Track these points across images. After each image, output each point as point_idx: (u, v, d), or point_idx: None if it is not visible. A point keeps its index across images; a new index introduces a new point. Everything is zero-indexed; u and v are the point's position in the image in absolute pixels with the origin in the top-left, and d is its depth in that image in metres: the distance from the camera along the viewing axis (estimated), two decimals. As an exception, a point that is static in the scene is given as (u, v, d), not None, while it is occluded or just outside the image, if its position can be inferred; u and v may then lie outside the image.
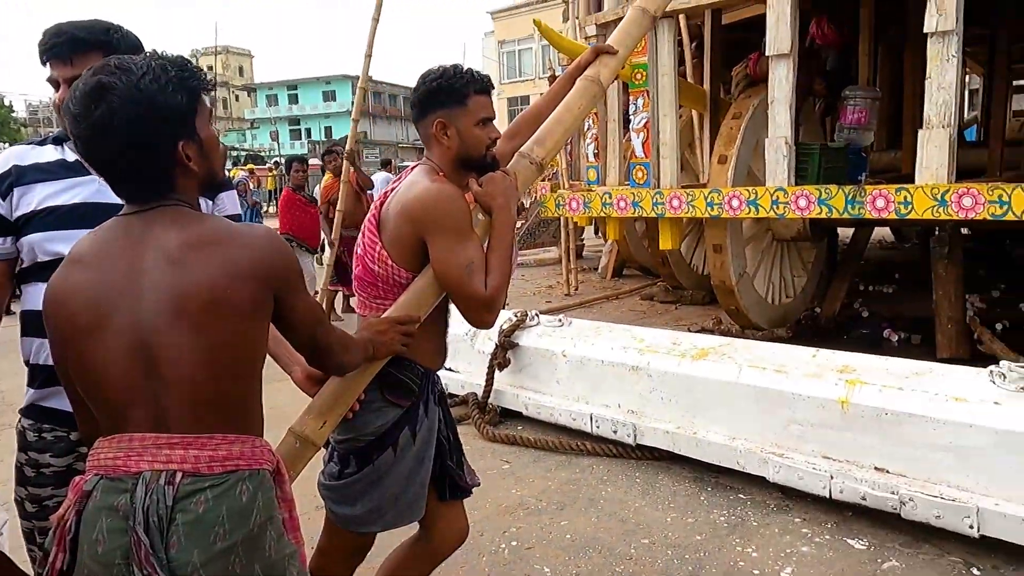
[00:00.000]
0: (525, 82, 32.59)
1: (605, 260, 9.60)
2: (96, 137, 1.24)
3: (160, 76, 1.24)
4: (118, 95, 1.21)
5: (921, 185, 4.23)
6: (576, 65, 2.19)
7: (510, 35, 32.66)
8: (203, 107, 1.33)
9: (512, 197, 1.90)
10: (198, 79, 1.30)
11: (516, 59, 33.57)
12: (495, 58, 33.65)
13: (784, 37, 4.73)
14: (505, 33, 33.17)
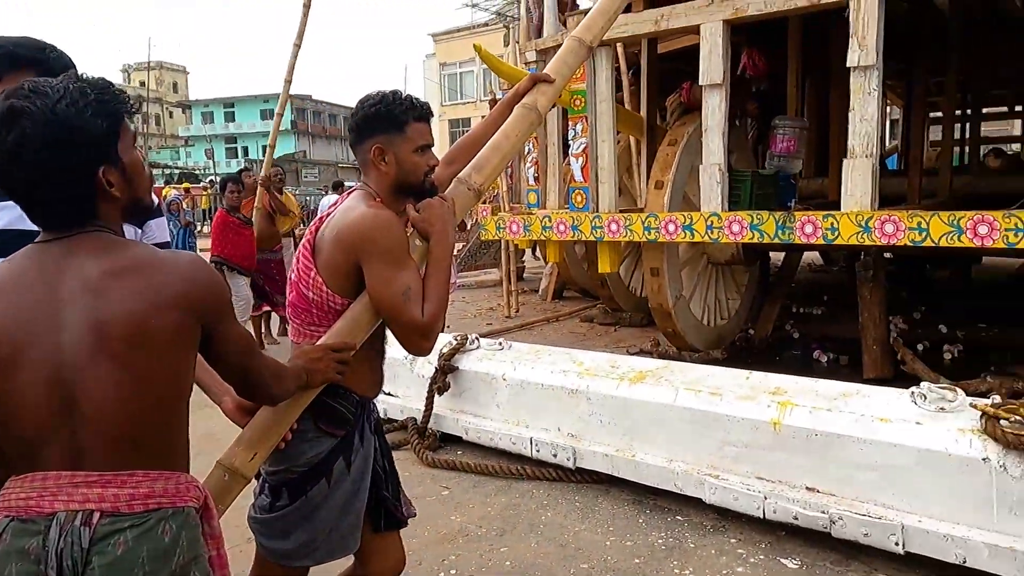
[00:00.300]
0: (466, 104, 32.78)
1: (545, 282, 9.67)
2: (9, 163, 1.19)
3: (78, 100, 1.20)
4: (31, 119, 1.17)
5: (846, 212, 4.40)
6: (514, 93, 2.21)
7: (451, 57, 32.85)
8: (126, 131, 1.28)
9: (450, 223, 1.90)
10: (120, 102, 1.26)
11: (457, 81, 33.75)
12: (436, 80, 33.77)
13: (716, 68, 4.88)
14: (446, 55, 33.34)
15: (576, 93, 5.54)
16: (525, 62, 6.97)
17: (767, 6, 4.68)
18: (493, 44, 23.42)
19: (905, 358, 5.14)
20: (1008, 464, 2.53)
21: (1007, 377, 4.70)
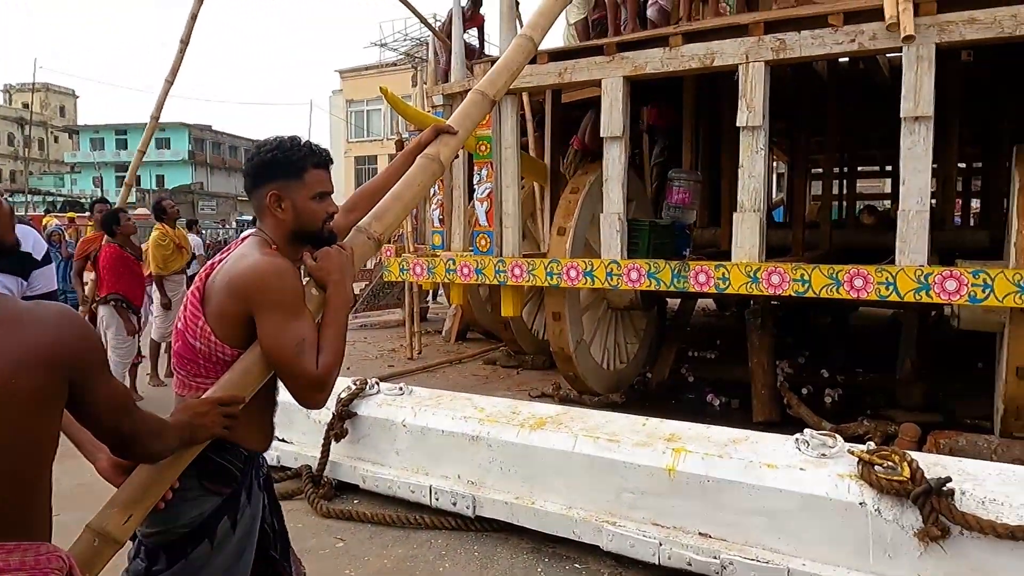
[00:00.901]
0: (373, 142, 32.62)
1: (449, 323, 9.63)
2: None
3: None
4: None
5: (736, 263, 4.63)
6: (417, 143, 2.21)
7: (359, 95, 32.70)
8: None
9: (348, 273, 1.86)
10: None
11: (364, 119, 33.59)
12: (343, 116, 33.51)
13: (616, 121, 5.07)
14: (353, 92, 33.18)
15: (482, 139, 5.62)
16: (432, 106, 7.04)
17: (663, 65, 4.92)
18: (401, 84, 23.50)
19: (791, 402, 5.39)
20: (882, 508, 2.68)
21: (881, 420, 5.00)
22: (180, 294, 6.85)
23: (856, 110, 8.24)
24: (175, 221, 7.06)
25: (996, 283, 3.92)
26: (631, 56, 5.02)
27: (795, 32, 4.49)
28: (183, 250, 6.98)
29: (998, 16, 3.98)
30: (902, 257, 4.23)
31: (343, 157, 33.83)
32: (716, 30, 4.81)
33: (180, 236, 7.06)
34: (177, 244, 6.86)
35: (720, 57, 4.71)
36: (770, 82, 4.66)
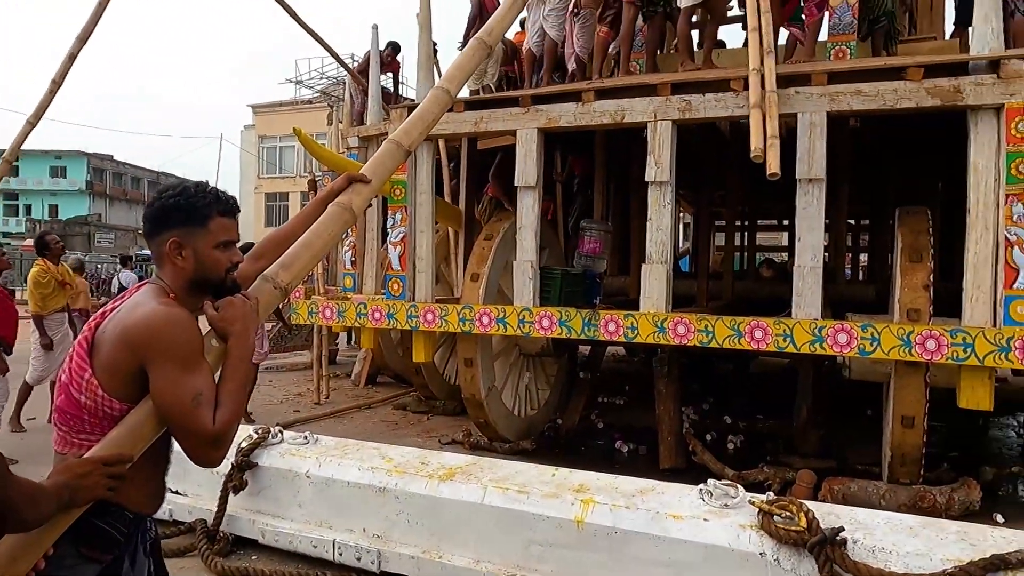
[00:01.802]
0: (285, 179, 32.02)
1: (359, 367, 9.42)
2: None
3: None
4: None
5: (644, 313, 4.74)
6: (329, 190, 2.18)
7: (271, 131, 32.13)
8: None
9: (251, 323, 1.79)
10: None
11: (277, 155, 32.98)
12: (254, 152, 32.80)
13: (531, 171, 5.17)
14: (266, 128, 32.58)
15: (397, 183, 5.61)
16: (347, 147, 6.97)
17: (576, 120, 5.07)
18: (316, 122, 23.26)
19: (696, 449, 5.51)
20: (781, 558, 2.75)
21: (780, 467, 5.18)
22: (61, 334, 6.44)
23: (756, 167, 8.68)
24: (59, 257, 6.67)
25: (883, 337, 4.16)
26: (545, 109, 5.15)
27: (700, 94, 4.72)
28: (66, 287, 6.58)
29: (881, 90, 4.31)
30: (798, 310, 4.44)
31: (253, 193, 33.05)
32: (627, 88, 5.00)
33: (63, 272, 6.65)
34: (59, 281, 6.47)
35: (630, 114, 4.89)
36: (677, 138, 4.87)
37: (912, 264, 4.48)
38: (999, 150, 4.10)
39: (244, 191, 33.56)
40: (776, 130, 4.04)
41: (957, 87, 4.16)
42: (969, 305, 4.20)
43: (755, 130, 4.01)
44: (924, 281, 4.40)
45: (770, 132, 3.98)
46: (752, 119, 4.08)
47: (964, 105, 4.17)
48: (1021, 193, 4.04)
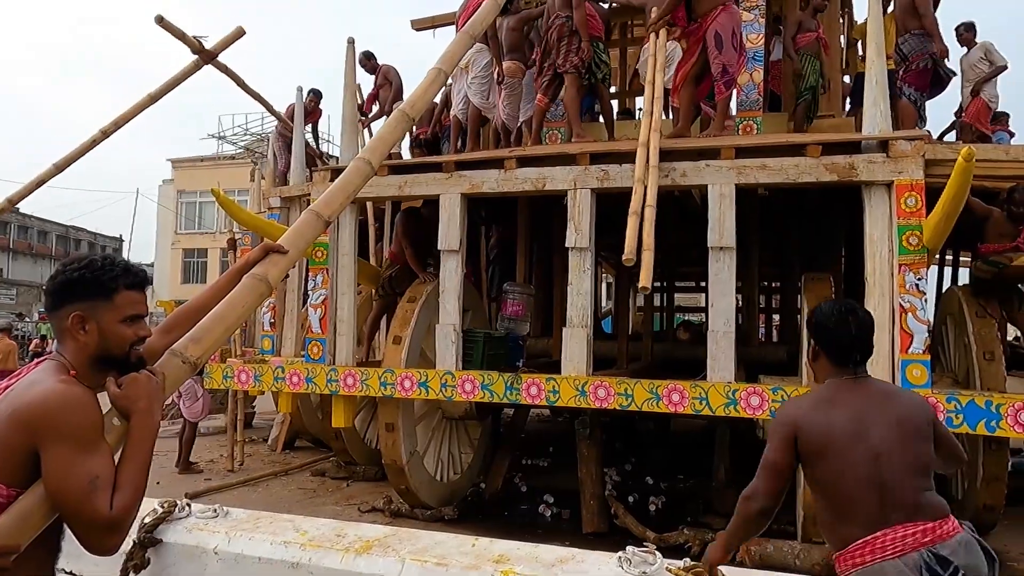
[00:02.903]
0: (204, 235, 31.19)
1: (276, 431, 9.11)
2: None
3: None
4: None
5: (566, 376, 4.79)
6: (245, 261, 2.14)
7: (191, 186, 31.39)
8: None
9: (156, 401, 1.72)
10: None
11: (196, 210, 32.16)
12: (172, 207, 31.93)
13: (454, 235, 5.22)
14: (186, 183, 31.83)
15: (319, 246, 5.56)
16: (269, 207, 6.90)
17: (499, 186, 5.17)
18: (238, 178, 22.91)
19: (618, 512, 5.53)
20: (696, 625, 2.76)
21: (700, 528, 5.24)
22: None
23: (673, 230, 9.00)
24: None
25: (792, 399, 4.32)
26: (469, 175, 5.24)
27: (617, 164, 4.91)
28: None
29: (784, 165, 4.58)
30: (713, 374, 4.58)
31: (171, 249, 32.04)
32: (548, 157, 5.16)
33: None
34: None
35: (551, 182, 5.03)
36: (597, 203, 5.02)
37: (817, 329, 4.69)
38: (891, 223, 4.40)
39: (161, 246, 32.52)
40: (651, 240, 3.99)
41: (852, 164, 4.46)
42: (870, 369, 4.38)
43: (630, 236, 3.99)
44: (829, 345, 4.61)
45: (646, 241, 3.95)
46: (629, 226, 4.07)
47: (859, 181, 4.47)
48: (912, 263, 4.32)
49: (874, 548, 2.25)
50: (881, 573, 2.22)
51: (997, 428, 4.08)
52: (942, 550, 2.22)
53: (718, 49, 5.40)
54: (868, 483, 2.28)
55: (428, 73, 2.88)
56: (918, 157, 4.37)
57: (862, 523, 2.28)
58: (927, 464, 2.31)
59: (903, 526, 2.24)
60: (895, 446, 2.28)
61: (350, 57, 5.94)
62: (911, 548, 2.21)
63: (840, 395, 2.35)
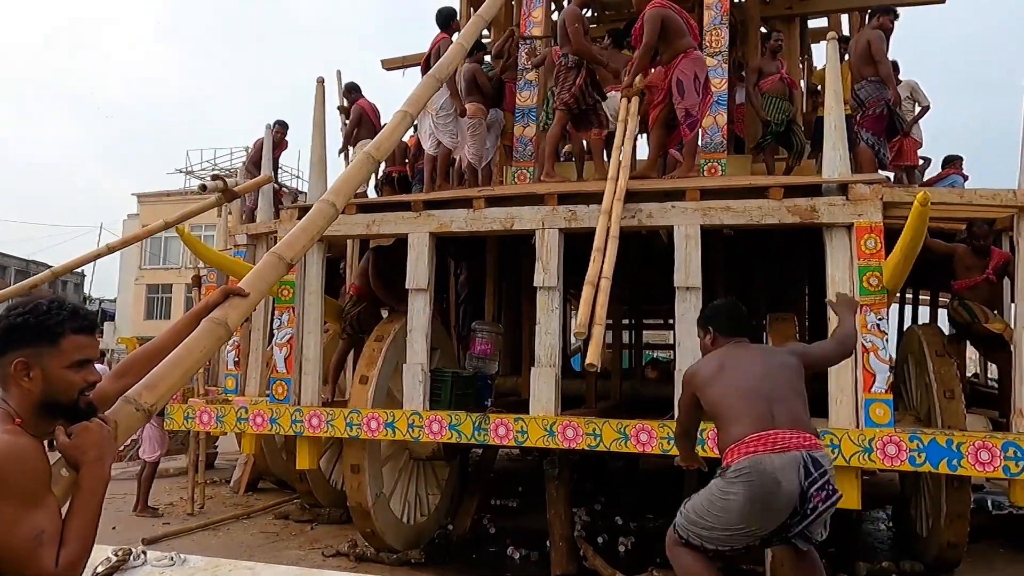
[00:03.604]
0: (169, 270, 30.74)
1: (239, 473, 8.88)
2: None
3: None
4: None
5: (534, 416, 4.76)
6: (204, 304, 2.11)
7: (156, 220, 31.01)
8: None
9: (107, 450, 1.67)
10: None
11: (161, 245, 31.72)
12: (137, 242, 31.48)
13: (422, 274, 5.20)
14: (151, 218, 31.26)
15: (285, 284, 5.49)
16: (235, 244, 6.83)
17: (468, 225, 5.19)
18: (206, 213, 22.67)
19: (587, 554, 5.47)
20: (667, 673, 2.72)
21: (669, 569, 5.16)
22: None
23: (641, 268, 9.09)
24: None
25: (758, 439, 4.33)
26: (437, 214, 5.25)
27: (584, 205, 4.96)
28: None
29: (748, 206, 4.67)
30: (680, 413, 4.57)
31: (134, 284, 31.50)
32: (516, 197, 5.19)
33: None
34: None
35: (519, 222, 5.06)
36: (565, 243, 5.05)
37: (782, 368, 4.74)
38: (852, 264, 4.48)
39: (124, 281, 31.96)
40: (603, 315, 3.92)
41: (813, 206, 4.56)
42: (835, 407, 4.46)
43: (583, 307, 3.92)
44: (794, 384, 4.65)
45: (598, 313, 3.87)
46: (584, 294, 4.00)
47: (820, 223, 4.56)
48: (873, 303, 4.40)
49: (765, 441, 2.72)
50: (768, 461, 2.68)
51: (959, 467, 4.13)
52: (817, 455, 2.73)
53: (680, 95, 5.57)
54: (758, 395, 2.83)
55: (394, 115, 2.90)
56: (876, 200, 4.47)
57: (753, 423, 2.77)
58: (804, 396, 2.92)
59: (788, 431, 2.74)
60: (780, 373, 2.90)
61: (319, 95, 5.94)
62: (793, 447, 2.70)
63: (730, 350, 3.06)
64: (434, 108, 6.60)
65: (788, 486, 2.66)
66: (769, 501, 2.70)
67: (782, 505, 2.70)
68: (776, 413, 2.78)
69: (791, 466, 2.67)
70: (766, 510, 2.73)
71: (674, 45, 5.68)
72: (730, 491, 2.77)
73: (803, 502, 2.69)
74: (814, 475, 2.67)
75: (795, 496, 2.68)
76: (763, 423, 2.76)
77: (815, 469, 2.69)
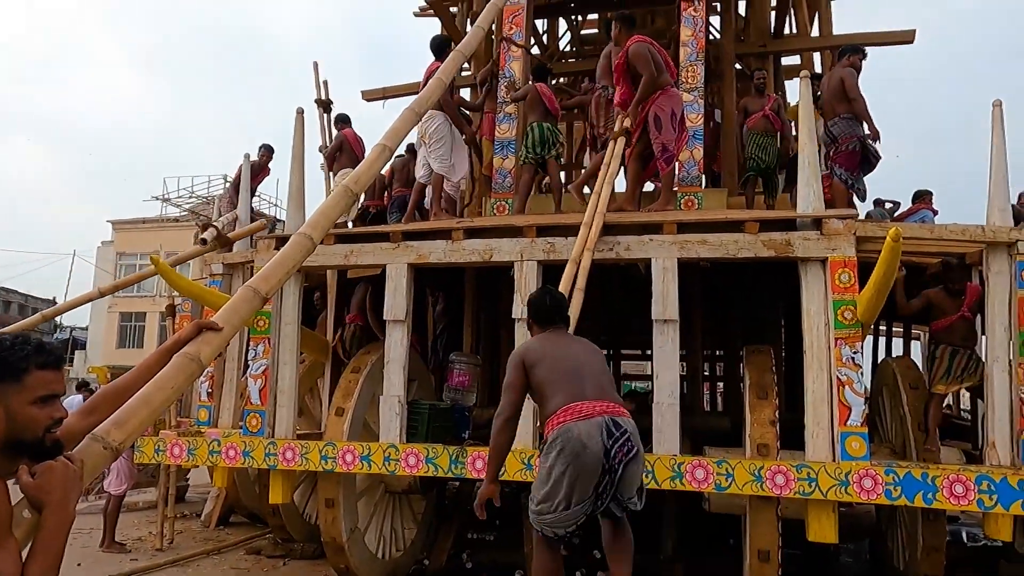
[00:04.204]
0: (143, 298, 30.30)
1: (210, 506, 8.70)
2: None
3: None
4: None
5: (512, 450, 4.70)
6: (176, 339, 2.07)
7: (132, 248, 30.63)
8: None
9: (73, 491, 1.62)
10: None
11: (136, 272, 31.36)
12: (110, 270, 31.06)
13: (400, 305, 5.18)
14: (126, 245, 31.08)
15: (261, 314, 5.43)
16: (211, 274, 6.75)
17: (446, 256, 5.18)
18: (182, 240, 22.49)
19: (564, 589, 5.38)
20: None
21: (647, 605, 5.14)
22: None
23: (619, 299, 9.13)
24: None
25: (736, 472, 4.33)
26: (416, 245, 5.24)
27: (563, 237, 4.98)
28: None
29: (724, 240, 4.71)
30: (658, 447, 4.57)
31: (107, 312, 31.02)
32: (495, 229, 5.20)
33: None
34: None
35: (498, 254, 5.06)
36: (543, 275, 5.05)
37: (759, 400, 4.76)
38: (827, 298, 4.53)
39: (96, 309, 31.44)
40: None
41: (788, 241, 4.61)
42: (811, 441, 4.48)
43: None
44: (771, 417, 4.67)
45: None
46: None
47: (795, 257, 4.62)
48: (848, 337, 4.44)
49: (573, 411, 3.17)
50: (575, 428, 3.11)
51: (934, 500, 4.15)
52: (618, 419, 3.16)
53: (657, 130, 5.69)
54: (574, 374, 3.29)
55: (373, 149, 2.90)
56: (850, 235, 4.54)
57: (566, 397, 3.21)
58: (610, 375, 3.51)
59: (593, 401, 3.19)
60: (591, 358, 3.44)
61: (299, 125, 5.94)
62: (597, 414, 3.14)
63: (549, 336, 3.54)
64: (427, 134, 6.64)
65: (593, 446, 3.07)
66: (580, 464, 3.10)
67: (591, 465, 3.10)
68: (586, 388, 3.25)
69: (595, 429, 3.09)
70: (581, 473, 3.11)
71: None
72: (548, 463, 3.22)
73: (608, 459, 3.09)
74: (615, 435, 3.10)
75: (600, 455, 3.08)
76: (574, 397, 3.21)
77: (616, 430, 3.11)
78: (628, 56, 5.89)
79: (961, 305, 5.12)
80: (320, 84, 9.05)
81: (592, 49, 11.90)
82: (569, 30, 12.28)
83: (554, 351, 3.42)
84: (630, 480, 3.24)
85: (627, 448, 3.14)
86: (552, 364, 3.35)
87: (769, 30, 9.01)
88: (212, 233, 5.92)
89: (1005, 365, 4.54)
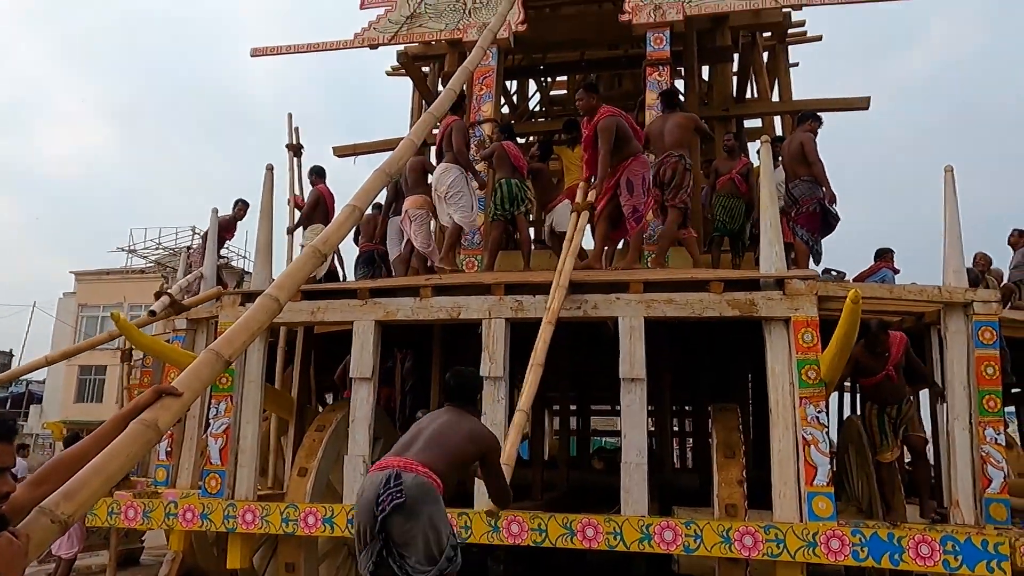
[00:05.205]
0: (104, 351, 29.55)
1: (165, 569, 8.32)
2: None
3: None
4: None
5: (478, 511, 4.64)
6: (133, 406, 2.02)
7: (95, 299, 30.03)
8: None
9: (15, 569, 1.56)
10: None
11: (98, 325, 30.55)
12: (71, 322, 30.36)
13: (367, 363, 5.13)
14: (88, 297, 30.45)
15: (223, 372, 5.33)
16: (174, 329, 6.64)
17: (414, 314, 5.17)
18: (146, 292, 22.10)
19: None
20: None
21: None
22: None
23: (587, 356, 9.14)
24: None
25: (705, 534, 4.30)
26: (384, 302, 5.22)
27: (531, 295, 5.00)
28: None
29: (689, 299, 4.77)
30: (626, 507, 4.53)
31: (65, 365, 30.13)
32: (463, 286, 5.21)
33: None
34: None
35: (466, 311, 5.06)
36: (511, 332, 5.05)
37: (727, 460, 4.76)
38: (791, 357, 4.59)
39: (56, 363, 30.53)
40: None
41: (752, 300, 4.69)
42: (779, 500, 4.47)
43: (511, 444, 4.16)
44: (738, 476, 4.66)
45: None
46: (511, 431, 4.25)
47: (759, 316, 4.69)
48: (812, 396, 4.49)
49: (376, 465, 3.41)
50: (367, 478, 3.40)
51: (900, 561, 4.14)
52: (404, 472, 3.27)
53: (629, 193, 5.90)
54: (407, 438, 3.52)
55: (343, 210, 2.91)
56: (812, 295, 4.63)
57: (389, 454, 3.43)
58: (445, 449, 3.43)
59: (396, 456, 3.37)
60: (441, 429, 3.52)
61: (268, 182, 5.95)
62: (389, 466, 3.30)
63: (435, 412, 3.80)
64: (443, 189, 6.68)
65: (368, 493, 3.27)
66: (358, 510, 3.35)
67: (364, 511, 3.28)
68: (402, 448, 3.45)
69: (378, 478, 3.27)
70: (359, 520, 3.33)
71: (624, 150, 6.01)
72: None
73: (377, 506, 3.21)
74: (390, 486, 3.22)
75: (373, 502, 3.22)
76: (393, 453, 3.43)
77: (394, 481, 3.23)
78: (596, 130, 6.06)
79: (885, 363, 5.19)
80: (292, 131, 9.13)
81: (560, 109, 12.20)
82: (539, 91, 12.59)
83: (419, 423, 3.65)
84: (402, 535, 3.22)
85: (392, 497, 3.20)
86: (412, 428, 3.63)
87: (732, 95, 9.31)
88: (164, 302, 5.81)
89: (966, 423, 4.62)
